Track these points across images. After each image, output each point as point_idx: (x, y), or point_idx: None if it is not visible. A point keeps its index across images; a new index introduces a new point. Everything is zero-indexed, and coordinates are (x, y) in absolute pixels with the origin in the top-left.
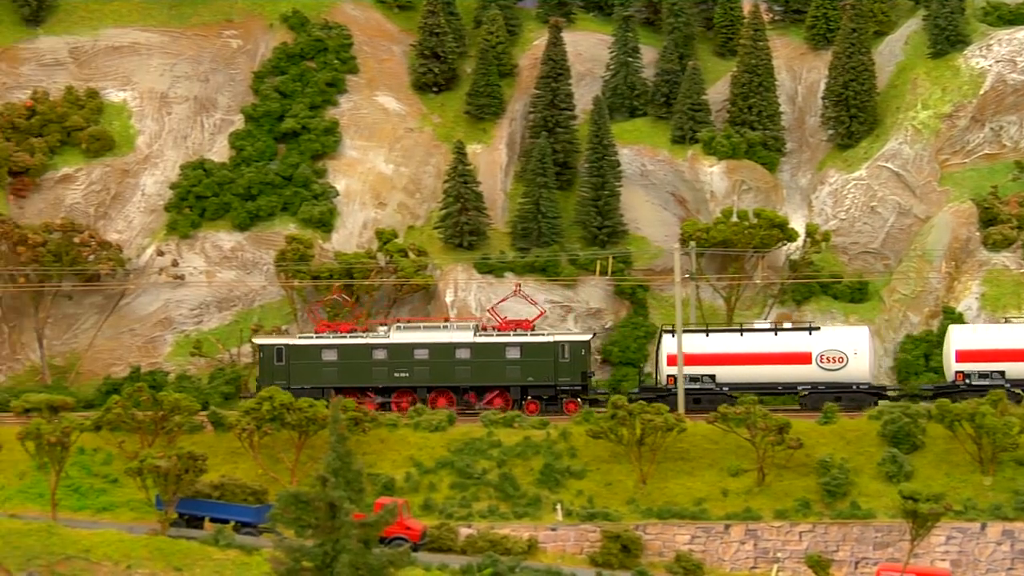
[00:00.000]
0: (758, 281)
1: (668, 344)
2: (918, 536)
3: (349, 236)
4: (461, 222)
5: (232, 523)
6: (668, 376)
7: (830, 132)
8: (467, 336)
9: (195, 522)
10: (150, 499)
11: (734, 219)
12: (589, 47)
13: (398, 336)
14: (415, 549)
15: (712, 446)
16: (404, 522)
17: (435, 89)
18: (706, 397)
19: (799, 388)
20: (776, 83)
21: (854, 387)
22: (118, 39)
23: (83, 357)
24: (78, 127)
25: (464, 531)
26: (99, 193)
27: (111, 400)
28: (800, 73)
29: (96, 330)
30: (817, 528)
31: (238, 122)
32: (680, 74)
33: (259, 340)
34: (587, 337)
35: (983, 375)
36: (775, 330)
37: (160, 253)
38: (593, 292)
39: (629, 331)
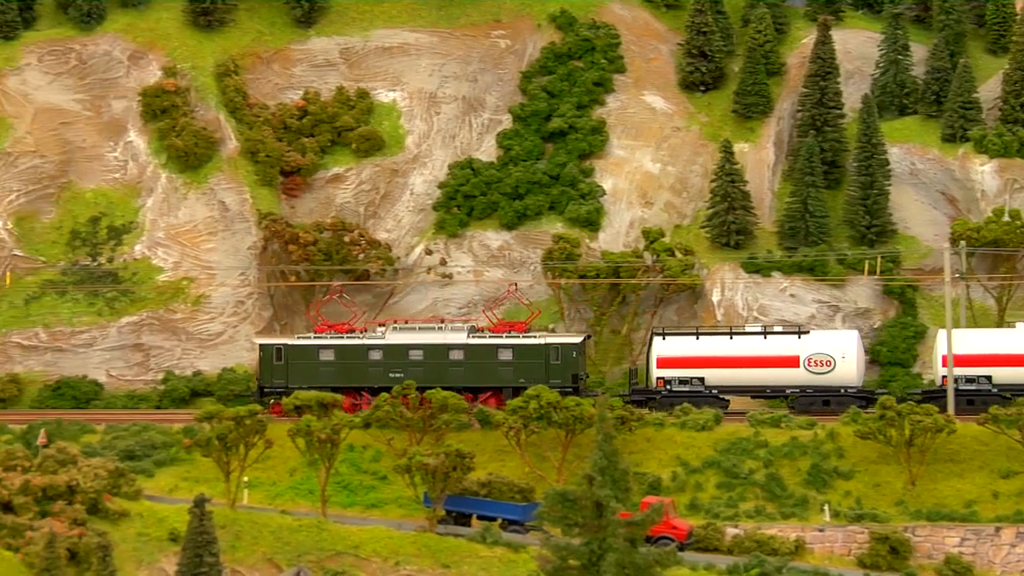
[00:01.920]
0: None
1: (659, 347)
2: None
3: (616, 235)
4: (728, 221)
5: (499, 521)
6: (658, 378)
7: None
8: (460, 337)
9: (462, 519)
10: (418, 496)
11: (1006, 218)
12: (858, 45)
13: (393, 337)
14: (681, 549)
15: (982, 448)
16: (670, 521)
17: (702, 88)
18: (693, 399)
19: (788, 391)
20: None
21: (842, 391)
22: (388, 40)
23: None
24: (348, 127)
25: (731, 531)
26: (368, 192)
27: (380, 398)
28: None
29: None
30: None
31: (506, 122)
32: (951, 72)
33: (259, 340)
34: (578, 340)
35: (970, 379)
36: (764, 333)
37: (428, 252)
38: (861, 292)
39: (898, 331)
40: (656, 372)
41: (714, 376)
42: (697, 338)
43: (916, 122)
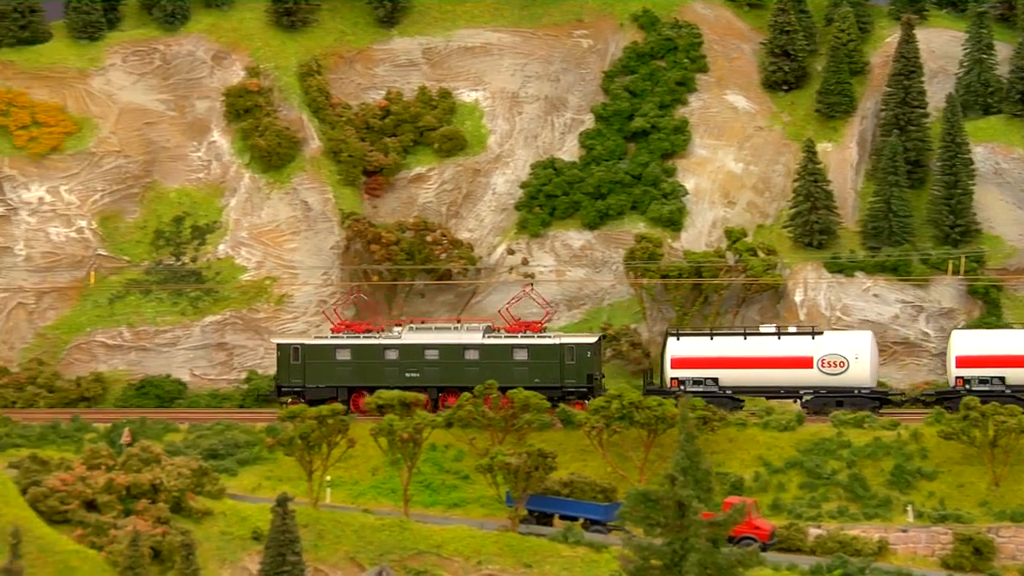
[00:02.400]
0: None
1: (673, 347)
2: None
3: (698, 235)
4: (811, 221)
5: (581, 520)
6: (672, 379)
7: None
8: (476, 338)
9: (544, 519)
10: (500, 496)
11: None
12: (942, 44)
13: (410, 337)
14: (764, 549)
15: None
16: (753, 522)
17: (785, 87)
18: (706, 399)
19: (801, 392)
20: None
21: (856, 392)
22: (470, 40)
23: None
24: (431, 127)
25: (813, 531)
26: (451, 192)
27: (463, 397)
28: None
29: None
30: None
31: (588, 121)
32: None
33: (277, 340)
34: (592, 340)
35: (983, 380)
36: (778, 334)
37: (510, 252)
38: (945, 292)
39: None
40: (670, 372)
41: (728, 376)
42: (711, 339)
43: (1000, 121)
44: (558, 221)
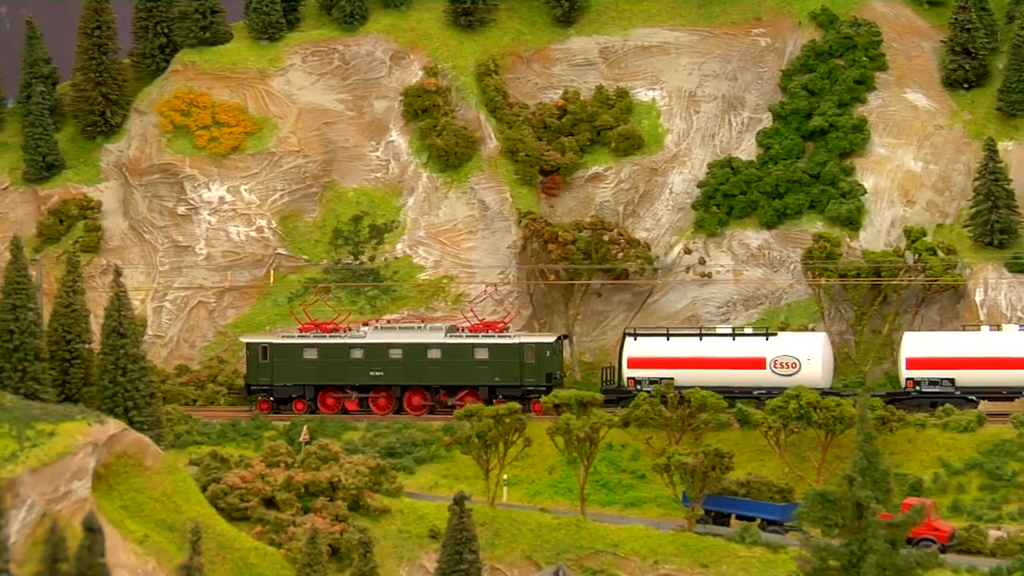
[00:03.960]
0: None
1: (631, 347)
2: None
3: (877, 234)
4: (991, 220)
5: (758, 521)
6: (628, 378)
7: None
8: (439, 337)
9: (721, 519)
10: (677, 495)
11: None
12: None
13: (374, 336)
14: (943, 551)
15: None
16: (932, 523)
17: (965, 86)
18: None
19: (755, 392)
20: None
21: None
22: (647, 39)
23: (611, 353)
24: (608, 126)
25: (993, 533)
26: (628, 191)
27: (639, 396)
28: None
29: (624, 327)
30: None
31: (766, 120)
32: None
33: (246, 339)
34: (551, 340)
35: (933, 382)
36: (733, 335)
37: (687, 251)
38: None
39: None
40: (627, 372)
41: (683, 377)
42: (668, 339)
43: None
44: (735, 220)
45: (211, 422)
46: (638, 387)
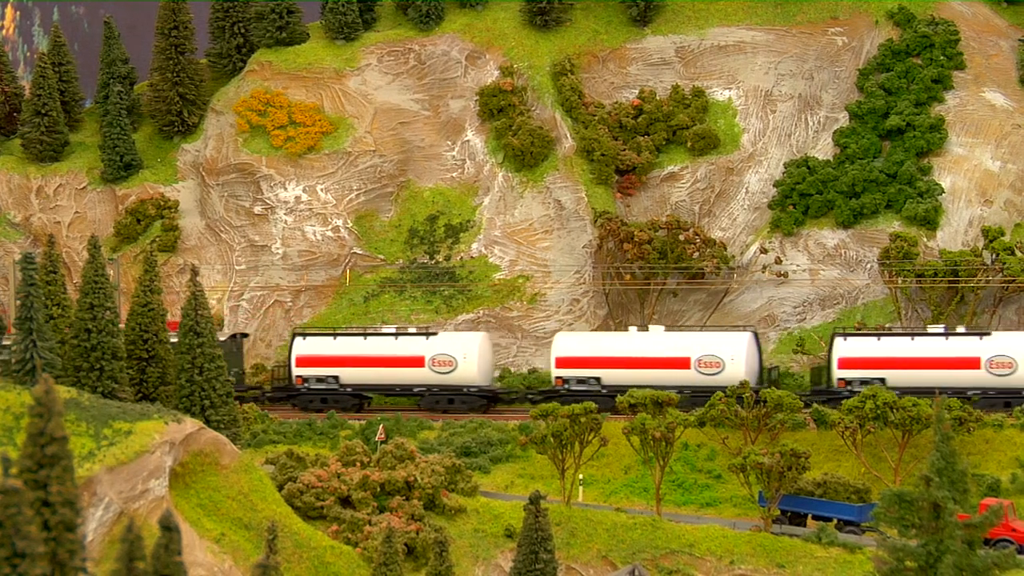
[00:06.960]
0: None
1: (299, 346)
2: None
3: (954, 234)
4: None
5: (834, 521)
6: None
7: None
8: None
9: (797, 519)
10: (753, 495)
11: None
12: None
13: None
14: (1020, 552)
15: None
16: (1009, 523)
17: None
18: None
19: (415, 389)
20: None
21: (464, 390)
22: (723, 38)
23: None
24: (684, 126)
25: None
26: (703, 191)
27: (715, 396)
28: None
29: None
30: None
31: (842, 119)
32: None
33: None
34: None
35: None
36: (396, 335)
37: (763, 251)
38: None
39: None
40: (296, 371)
41: (348, 375)
42: (335, 338)
43: None
44: (811, 220)
45: (287, 421)
46: (305, 385)
